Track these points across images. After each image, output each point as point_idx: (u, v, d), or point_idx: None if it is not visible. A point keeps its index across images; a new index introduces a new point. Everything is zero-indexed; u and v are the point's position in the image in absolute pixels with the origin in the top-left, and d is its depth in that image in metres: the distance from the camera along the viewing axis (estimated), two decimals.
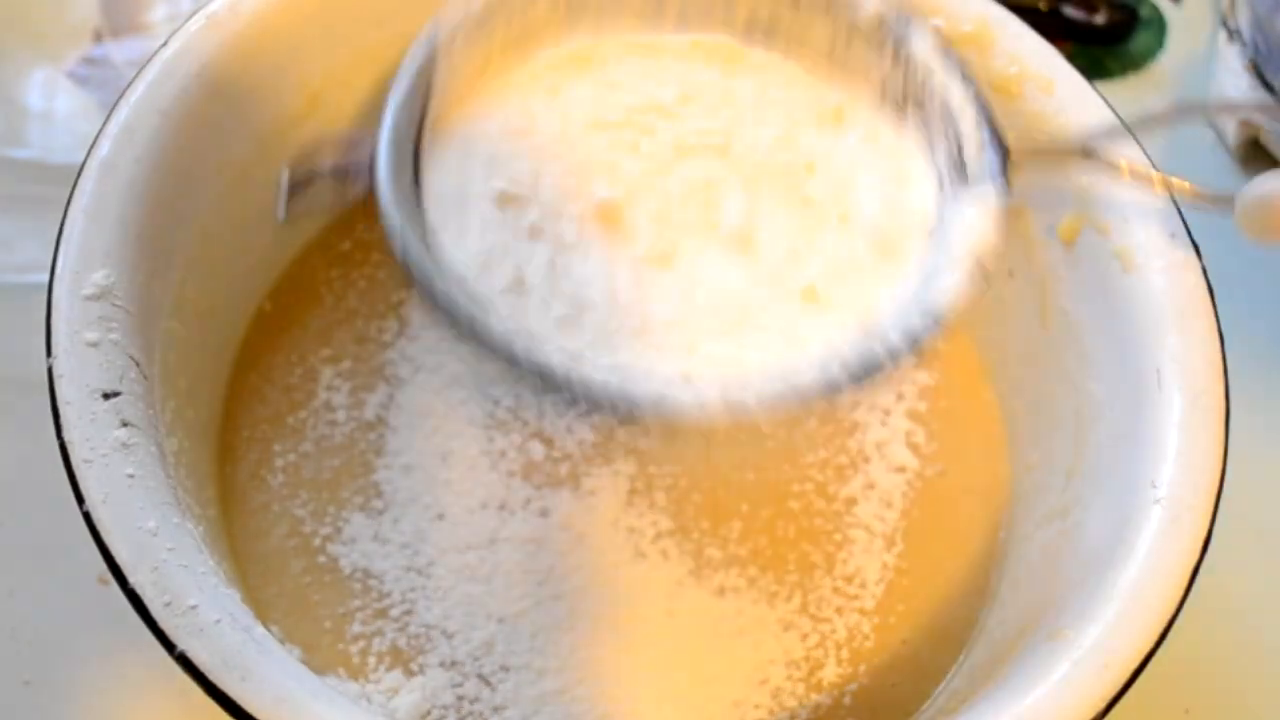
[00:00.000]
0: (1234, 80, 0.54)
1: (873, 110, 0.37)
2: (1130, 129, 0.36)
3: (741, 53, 0.37)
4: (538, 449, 0.40)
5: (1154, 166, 0.35)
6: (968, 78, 0.35)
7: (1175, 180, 0.34)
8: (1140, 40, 0.57)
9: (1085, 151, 0.35)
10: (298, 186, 0.33)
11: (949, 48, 0.36)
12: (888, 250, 0.35)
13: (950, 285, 0.33)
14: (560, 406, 0.36)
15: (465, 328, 0.31)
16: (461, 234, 0.34)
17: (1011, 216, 0.40)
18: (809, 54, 0.37)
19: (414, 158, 0.33)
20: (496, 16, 0.35)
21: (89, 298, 0.32)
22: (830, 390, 0.31)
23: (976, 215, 0.34)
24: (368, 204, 0.33)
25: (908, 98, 0.36)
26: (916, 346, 0.32)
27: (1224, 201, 0.34)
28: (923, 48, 0.36)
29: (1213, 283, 0.35)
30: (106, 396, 0.31)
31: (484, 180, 0.34)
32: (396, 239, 0.32)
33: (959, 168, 0.34)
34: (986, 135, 0.34)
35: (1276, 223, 0.32)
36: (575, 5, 0.36)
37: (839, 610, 0.39)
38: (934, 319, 0.32)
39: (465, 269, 0.33)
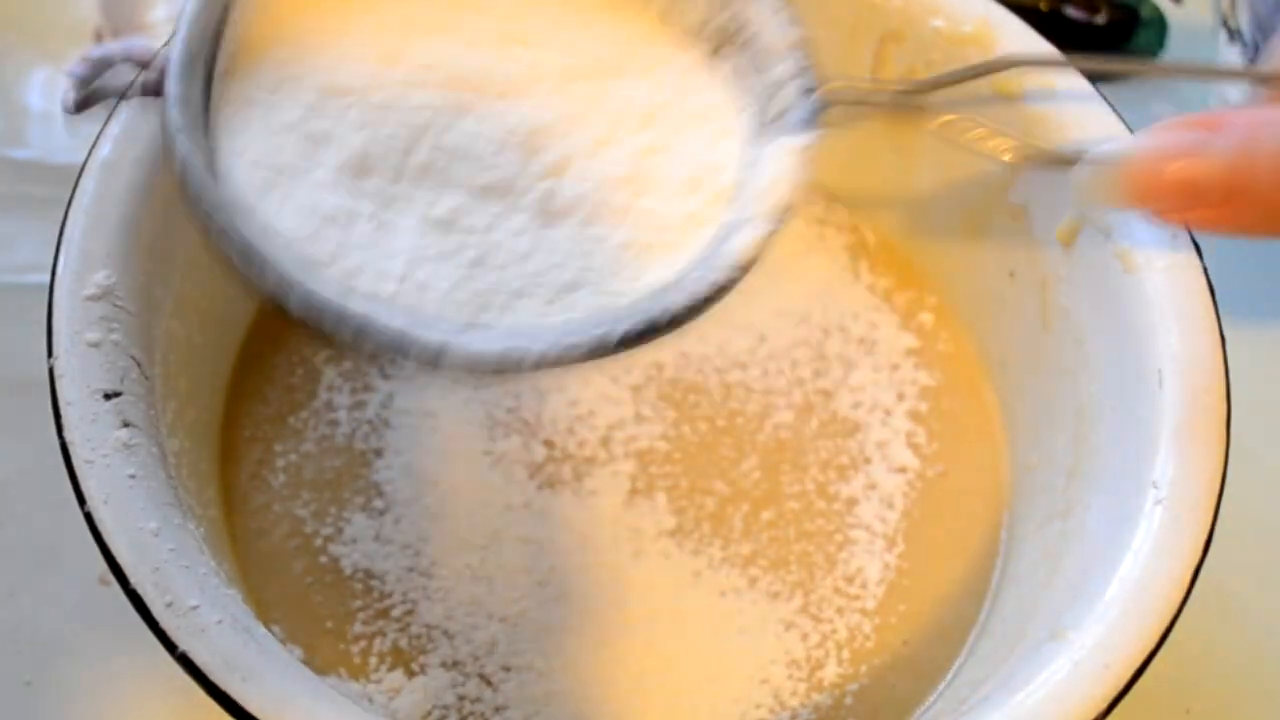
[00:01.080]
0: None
1: (685, 59, 0.34)
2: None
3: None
4: (538, 449, 0.40)
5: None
6: (794, 17, 0.33)
7: (1016, 141, 0.33)
8: (1141, 40, 0.57)
9: (897, 93, 0.33)
10: (88, 100, 0.32)
11: None
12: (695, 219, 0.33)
13: (746, 237, 0.30)
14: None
15: (243, 257, 0.29)
16: (254, 163, 0.31)
17: (1010, 216, 0.40)
18: None
19: (206, 80, 0.30)
20: None
21: (90, 298, 0.32)
22: (600, 350, 0.29)
23: (786, 162, 0.31)
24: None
25: (730, 37, 0.33)
26: (699, 302, 0.29)
27: (1065, 161, 0.33)
28: None
29: (1213, 283, 0.35)
30: (108, 397, 0.31)
31: (294, 116, 0.32)
32: (179, 158, 0.29)
33: (773, 114, 0.32)
34: (806, 79, 0.32)
35: (1112, 187, 0.31)
36: None
37: (840, 610, 0.39)
38: (725, 270, 0.30)
39: (251, 196, 0.30)
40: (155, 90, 0.30)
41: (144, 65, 0.31)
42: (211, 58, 0.31)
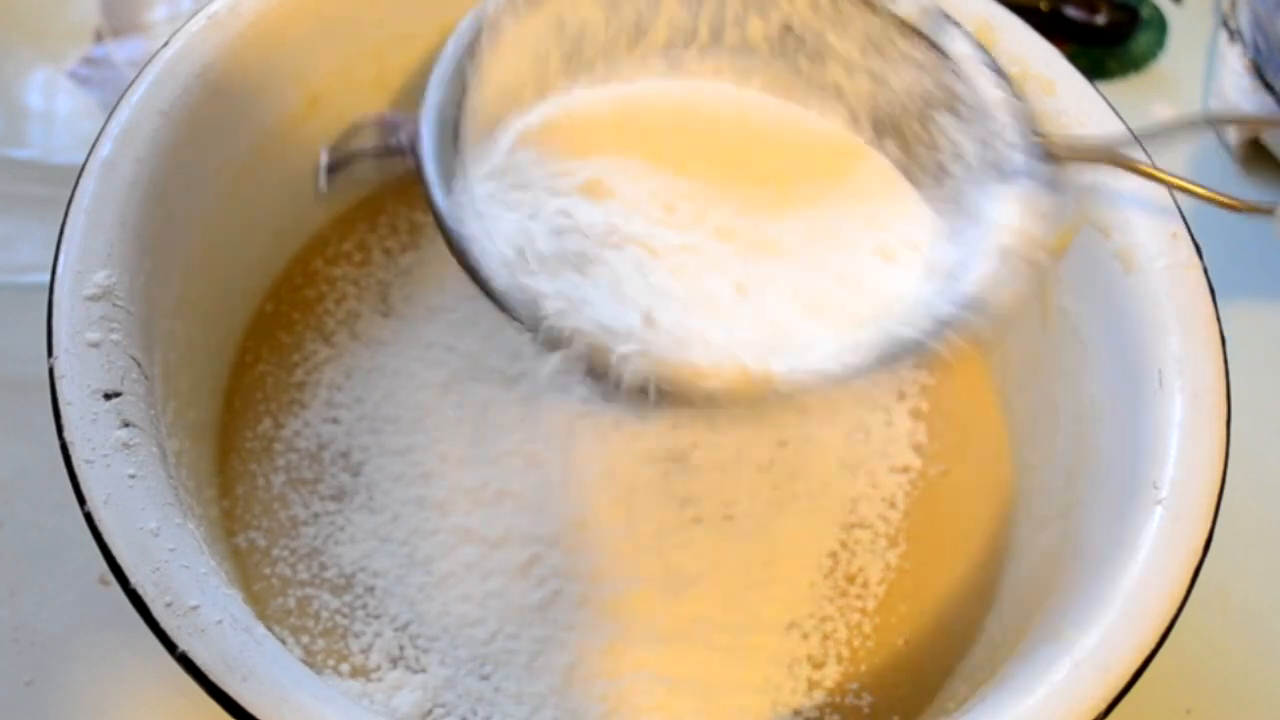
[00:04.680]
0: (1234, 80, 0.54)
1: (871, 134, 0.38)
2: (1137, 137, 0.36)
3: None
4: (539, 448, 0.40)
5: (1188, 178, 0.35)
6: (1002, 74, 0.36)
7: (1218, 194, 0.35)
8: (1141, 40, 0.57)
9: (1119, 155, 0.35)
10: (337, 164, 0.34)
11: (985, 51, 0.36)
12: (888, 255, 0.35)
13: (984, 273, 0.33)
14: (588, 383, 0.36)
15: (521, 312, 0.31)
16: (501, 219, 0.34)
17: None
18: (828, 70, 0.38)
19: (455, 138, 0.34)
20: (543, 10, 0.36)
21: (90, 298, 0.32)
22: (859, 372, 0.32)
23: (1012, 208, 0.34)
24: (403, 183, 0.33)
25: (940, 97, 0.36)
26: (950, 330, 0.32)
27: (1263, 211, 0.34)
28: (960, 45, 0.36)
29: (1213, 283, 0.35)
30: (108, 397, 0.31)
31: (537, 169, 0.35)
32: (446, 222, 0.32)
33: (993, 164, 0.35)
34: (1023, 131, 0.35)
35: None
36: (613, 10, 0.37)
37: (841, 610, 0.39)
38: (968, 305, 0.33)
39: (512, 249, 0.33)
40: (400, 152, 0.33)
41: (386, 153, 0.34)
42: (456, 129, 0.34)
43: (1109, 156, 0.35)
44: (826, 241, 0.36)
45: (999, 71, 0.36)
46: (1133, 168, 0.35)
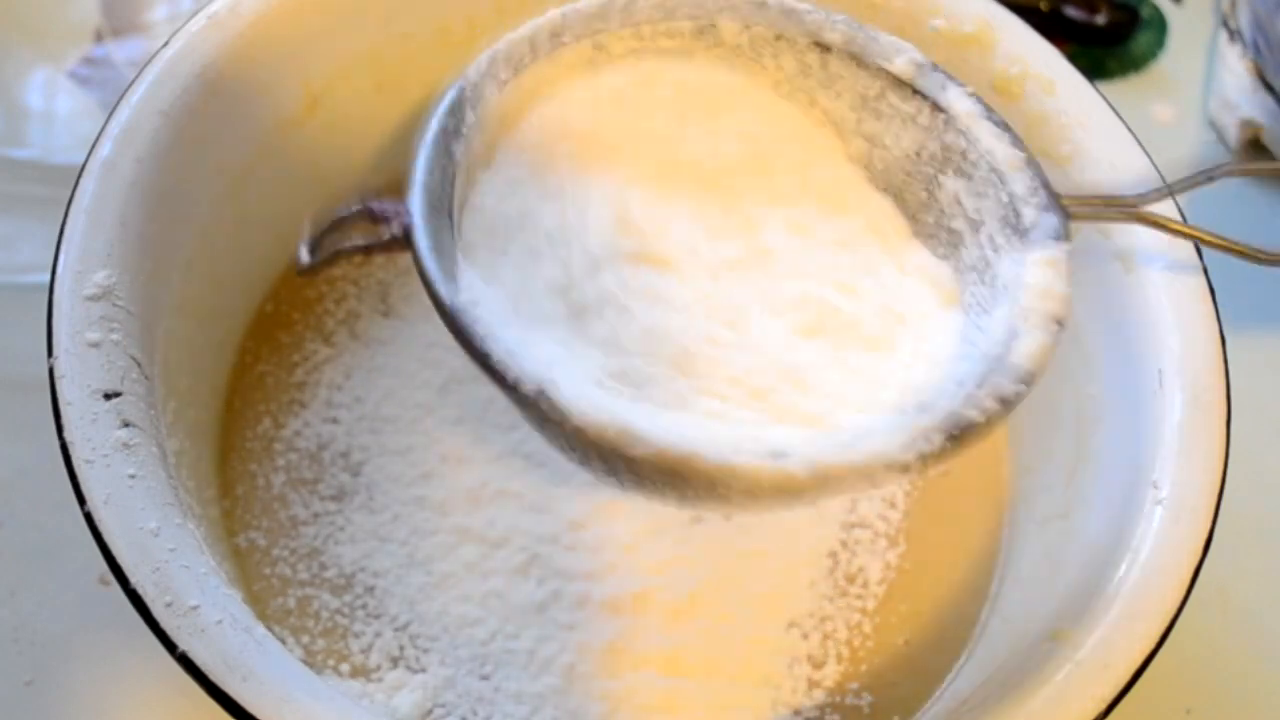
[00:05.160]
0: (1234, 80, 0.54)
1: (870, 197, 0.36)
2: (1171, 188, 0.35)
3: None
4: (539, 448, 0.40)
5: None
6: (1015, 137, 0.34)
7: (1246, 246, 0.34)
8: (1141, 40, 0.57)
9: (1137, 210, 0.34)
10: (321, 234, 0.32)
11: (988, 107, 0.34)
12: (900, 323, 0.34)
13: (1032, 344, 0.31)
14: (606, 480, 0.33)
15: (525, 398, 0.29)
16: (499, 277, 0.32)
17: None
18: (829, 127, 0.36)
19: (451, 225, 0.32)
20: (525, 57, 0.34)
21: (90, 298, 0.32)
22: (925, 458, 0.29)
23: (1043, 273, 0.32)
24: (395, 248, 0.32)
25: (947, 159, 0.34)
26: (1010, 407, 0.30)
27: None
28: (962, 103, 0.34)
29: (1213, 283, 0.35)
30: (108, 397, 0.31)
31: (529, 228, 0.33)
32: (440, 295, 0.30)
33: (1012, 228, 0.33)
34: (1044, 195, 0.33)
35: None
36: (600, 44, 0.35)
37: (841, 610, 0.39)
38: (1022, 379, 0.30)
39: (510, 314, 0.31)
40: (393, 246, 0.32)
41: (383, 220, 0.32)
42: (450, 201, 0.32)
43: (1133, 215, 0.34)
44: (849, 311, 0.34)
45: (1007, 128, 0.34)
46: (1158, 224, 0.34)
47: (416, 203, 0.31)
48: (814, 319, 0.33)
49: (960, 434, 0.29)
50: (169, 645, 0.29)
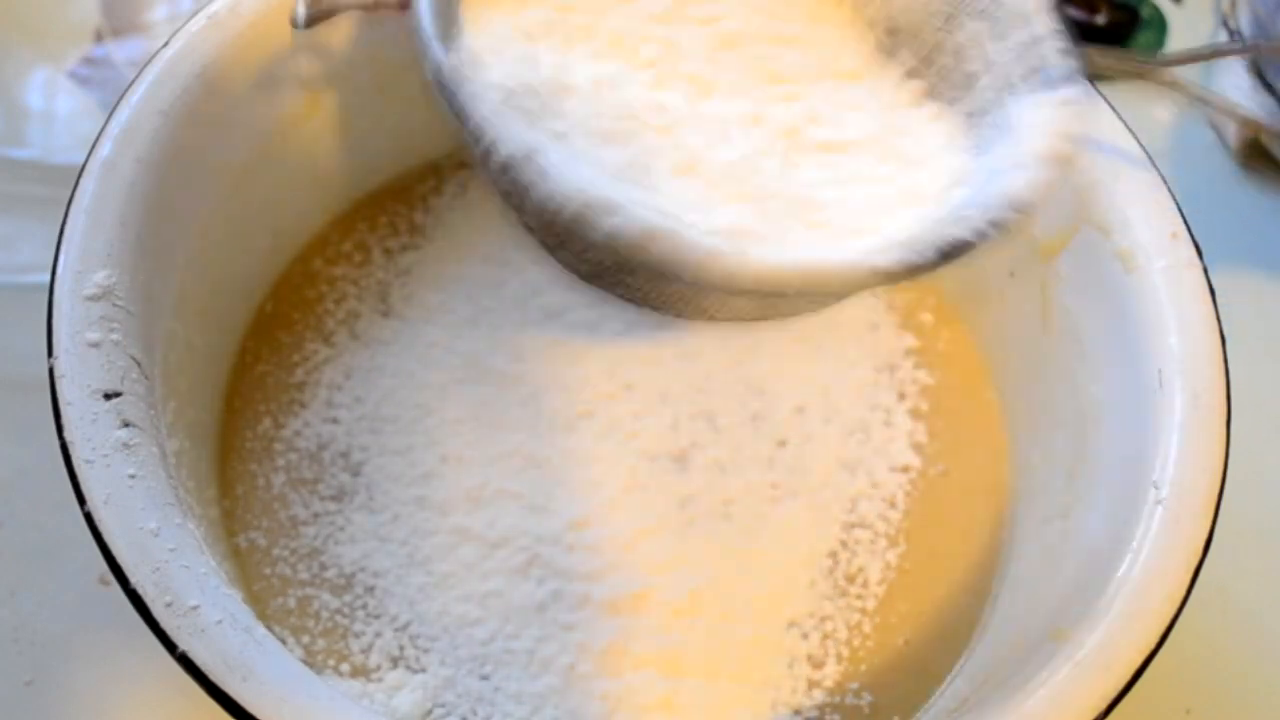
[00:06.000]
0: (1234, 80, 0.54)
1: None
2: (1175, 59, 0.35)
3: None
4: (540, 443, 0.40)
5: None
6: None
7: (1255, 116, 0.34)
8: (1141, 40, 0.57)
9: (1155, 71, 0.35)
10: (318, 16, 0.32)
11: None
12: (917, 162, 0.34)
13: (1033, 175, 0.31)
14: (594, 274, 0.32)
15: (503, 164, 0.29)
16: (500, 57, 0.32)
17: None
18: None
19: None
20: None
21: (90, 298, 0.32)
22: (911, 269, 0.29)
23: (1053, 114, 0.33)
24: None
25: (963, 9, 0.35)
26: (1000, 230, 0.30)
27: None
28: None
29: (1213, 283, 0.35)
30: (108, 397, 0.31)
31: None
32: (434, 67, 0.30)
33: (1031, 69, 0.33)
34: (1065, 39, 0.33)
35: None
36: None
37: (840, 610, 0.39)
38: (1016, 205, 0.31)
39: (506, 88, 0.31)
40: (389, 5, 0.31)
41: None
42: None
43: (1150, 74, 0.35)
44: (854, 130, 0.34)
45: None
46: (1174, 86, 0.34)
47: None
48: (811, 138, 0.34)
49: (949, 250, 0.30)
50: (169, 645, 0.29)
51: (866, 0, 0.36)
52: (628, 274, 0.30)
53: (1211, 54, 0.35)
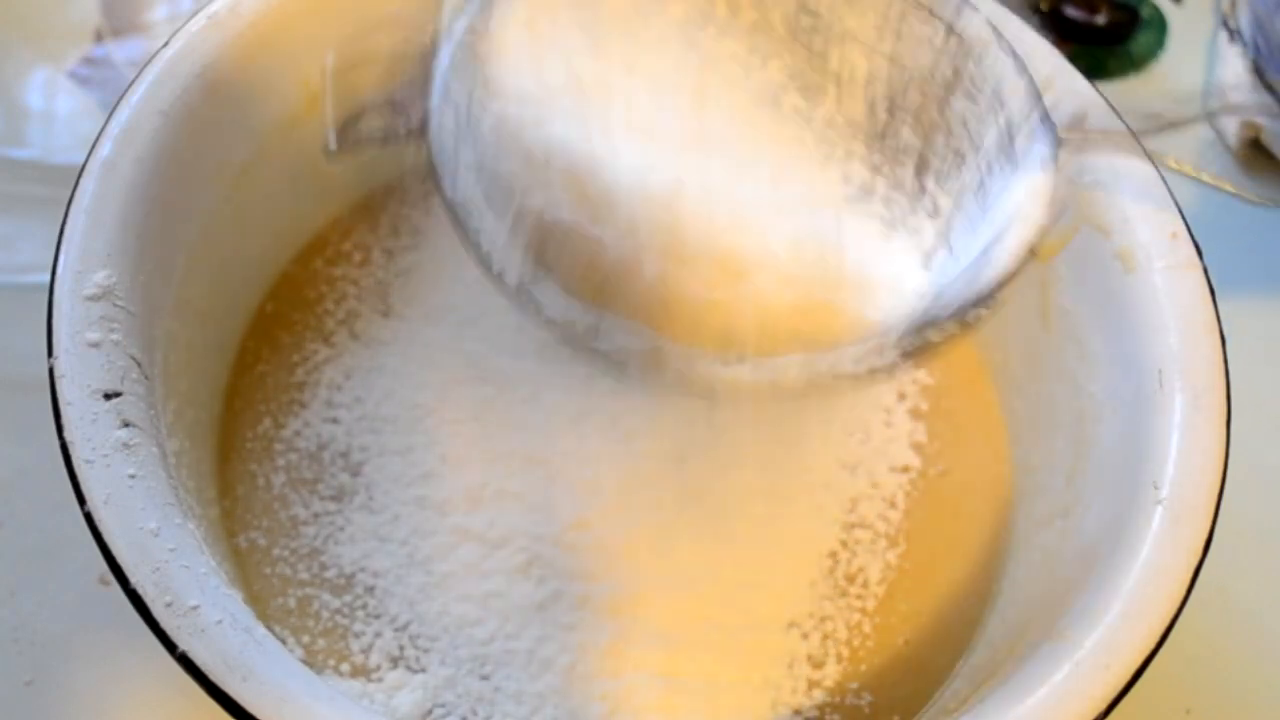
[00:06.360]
0: (1235, 80, 0.54)
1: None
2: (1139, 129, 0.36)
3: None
4: (540, 443, 0.40)
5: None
6: (1021, 65, 0.35)
7: (1228, 183, 0.34)
8: (1141, 40, 0.57)
9: (1128, 141, 0.35)
10: (348, 122, 0.33)
11: (1000, 34, 0.35)
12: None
13: (999, 268, 0.32)
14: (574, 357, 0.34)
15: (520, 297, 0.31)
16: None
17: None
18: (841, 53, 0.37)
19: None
20: None
21: (90, 298, 0.32)
22: (874, 372, 0.30)
23: (1024, 199, 0.33)
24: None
25: (957, 82, 0.35)
26: (968, 329, 0.31)
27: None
28: (975, 29, 0.35)
29: (1213, 283, 0.35)
30: (108, 397, 0.31)
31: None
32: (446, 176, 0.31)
33: (1006, 152, 0.34)
34: (1037, 119, 0.34)
35: None
36: None
37: (841, 610, 0.39)
38: (983, 302, 0.32)
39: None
40: (408, 135, 0.33)
41: (396, 107, 0.33)
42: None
43: (1124, 145, 0.35)
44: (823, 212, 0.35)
45: (1014, 56, 0.35)
46: (1147, 154, 0.35)
47: (437, 94, 0.32)
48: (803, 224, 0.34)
49: (914, 352, 0.31)
50: (169, 645, 0.29)
51: (872, 77, 0.37)
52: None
53: (1189, 118, 0.35)
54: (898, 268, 0.34)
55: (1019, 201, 0.33)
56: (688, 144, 0.35)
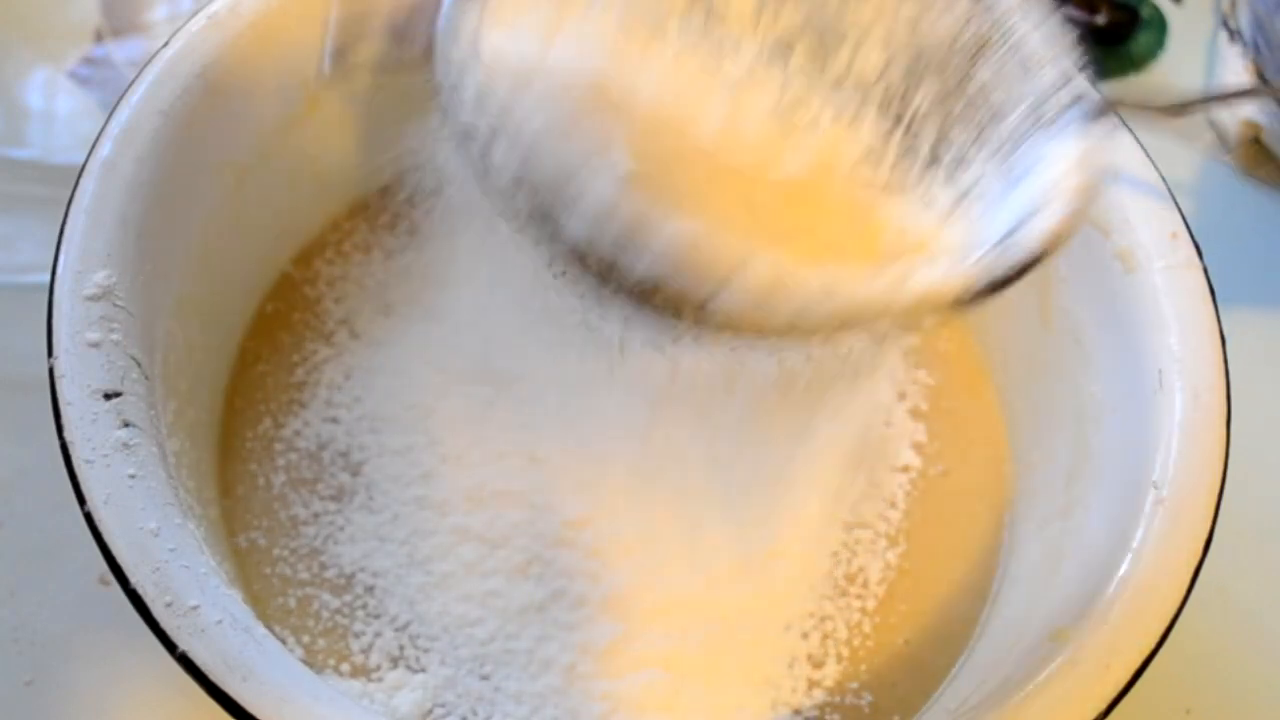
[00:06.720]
0: (1234, 80, 0.54)
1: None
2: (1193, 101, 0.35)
3: None
4: (540, 443, 0.40)
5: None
6: (1054, 28, 0.34)
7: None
8: (1141, 41, 0.57)
9: (1172, 110, 0.35)
10: (345, 45, 0.32)
11: None
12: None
13: (1042, 225, 0.31)
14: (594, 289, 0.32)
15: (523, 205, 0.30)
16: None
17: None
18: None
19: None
20: None
21: (90, 298, 0.32)
22: (934, 310, 0.30)
23: (1065, 159, 0.32)
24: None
25: (981, 50, 0.35)
26: (1016, 277, 0.31)
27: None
28: None
29: (1213, 283, 0.35)
30: (108, 397, 0.31)
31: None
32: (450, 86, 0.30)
33: (1039, 114, 0.33)
34: (1077, 85, 0.33)
35: None
36: None
37: (841, 609, 0.39)
38: (1032, 254, 0.31)
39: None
40: (403, 32, 0.32)
41: (399, 34, 0.32)
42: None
43: (1166, 110, 0.34)
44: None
45: (1049, 20, 0.34)
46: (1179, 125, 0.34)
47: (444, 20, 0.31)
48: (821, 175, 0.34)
49: (958, 302, 0.30)
50: (169, 645, 0.29)
51: (891, 32, 0.36)
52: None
53: (1231, 95, 0.35)
54: (921, 228, 0.33)
55: (1064, 163, 0.32)
56: (702, 79, 0.34)
